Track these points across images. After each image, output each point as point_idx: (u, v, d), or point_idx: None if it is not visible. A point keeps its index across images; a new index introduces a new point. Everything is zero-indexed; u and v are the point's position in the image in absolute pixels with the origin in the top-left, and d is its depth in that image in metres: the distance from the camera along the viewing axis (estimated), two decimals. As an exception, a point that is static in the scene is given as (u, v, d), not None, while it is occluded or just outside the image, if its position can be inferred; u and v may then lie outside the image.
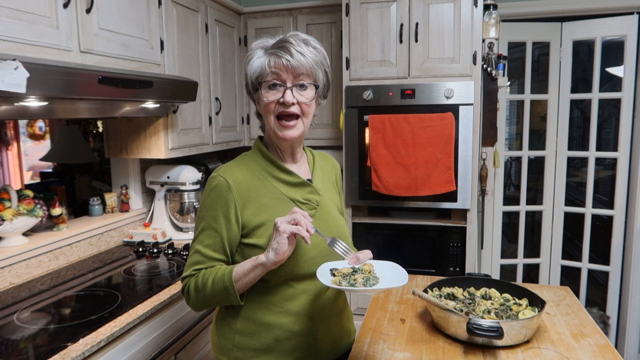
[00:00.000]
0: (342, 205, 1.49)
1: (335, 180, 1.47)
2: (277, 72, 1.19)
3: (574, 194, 3.27)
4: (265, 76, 1.20)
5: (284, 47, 1.19)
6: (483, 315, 1.40)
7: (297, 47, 1.19)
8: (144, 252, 2.42)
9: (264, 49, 1.23)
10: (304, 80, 1.21)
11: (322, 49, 1.25)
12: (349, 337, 1.43)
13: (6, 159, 6.10)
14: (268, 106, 1.22)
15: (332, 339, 1.34)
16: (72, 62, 1.76)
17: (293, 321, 1.25)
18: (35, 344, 1.45)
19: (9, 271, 1.95)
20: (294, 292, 1.25)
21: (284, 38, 1.22)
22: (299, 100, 1.21)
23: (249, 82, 1.27)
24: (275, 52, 1.19)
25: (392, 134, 2.59)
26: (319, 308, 1.28)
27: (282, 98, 1.20)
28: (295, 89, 1.21)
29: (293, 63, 1.18)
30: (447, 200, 2.63)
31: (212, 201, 1.24)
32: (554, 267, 3.32)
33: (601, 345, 1.35)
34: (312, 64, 1.21)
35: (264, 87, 1.21)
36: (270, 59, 1.19)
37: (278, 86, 1.20)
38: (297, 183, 1.30)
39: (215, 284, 1.19)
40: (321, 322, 1.29)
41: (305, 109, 1.23)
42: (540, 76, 3.28)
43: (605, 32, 3.03)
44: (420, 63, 2.62)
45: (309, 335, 1.27)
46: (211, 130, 2.87)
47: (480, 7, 2.53)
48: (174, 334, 1.89)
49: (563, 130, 3.21)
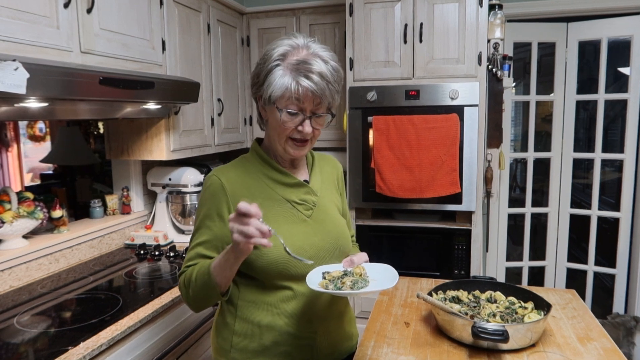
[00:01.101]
0: (344, 206, 1.48)
1: (337, 181, 1.47)
2: (299, 99, 1.18)
3: (579, 196, 3.24)
4: (287, 100, 1.19)
5: (309, 70, 1.17)
6: (488, 318, 1.40)
7: (324, 73, 1.18)
8: (145, 255, 2.40)
9: (284, 66, 1.19)
10: (321, 111, 1.22)
11: (339, 68, 1.24)
12: (351, 340, 1.42)
13: (6, 160, 6.10)
14: (285, 130, 1.22)
15: (332, 342, 1.33)
16: (72, 62, 1.75)
17: (290, 323, 1.25)
18: (36, 347, 1.44)
19: (9, 274, 1.94)
20: (291, 294, 1.25)
21: (306, 59, 1.18)
22: (314, 127, 1.23)
23: (266, 97, 1.22)
24: (299, 75, 1.17)
25: (397, 135, 2.57)
26: (317, 310, 1.27)
27: (301, 127, 1.21)
28: (313, 118, 1.22)
29: (317, 92, 1.17)
30: (451, 203, 2.61)
31: (206, 200, 1.26)
32: (560, 270, 3.29)
33: (608, 349, 1.34)
34: (332, 91, 1.21)
35: (284, 112, 1.20)
36: (294, 84, 1.17)
37: (297, 113, 1.20)
38: (293, 184, 1.30)
39: (198, 278, 1.19)
40: (320, 325, 1.29)
41: (317, 133, 1.26)
42: (542, 77, 3.25)
43: (612, 32, 3.00)
44: (425, 64, 2.60)
45: (307, 337, 1.27)
46: (213, 132, 2.85)
47: (486, 7, 2.50)
48: (175, 338, 1.88)
49: (569, 132, 3.18)
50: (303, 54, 1.20)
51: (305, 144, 1.26)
